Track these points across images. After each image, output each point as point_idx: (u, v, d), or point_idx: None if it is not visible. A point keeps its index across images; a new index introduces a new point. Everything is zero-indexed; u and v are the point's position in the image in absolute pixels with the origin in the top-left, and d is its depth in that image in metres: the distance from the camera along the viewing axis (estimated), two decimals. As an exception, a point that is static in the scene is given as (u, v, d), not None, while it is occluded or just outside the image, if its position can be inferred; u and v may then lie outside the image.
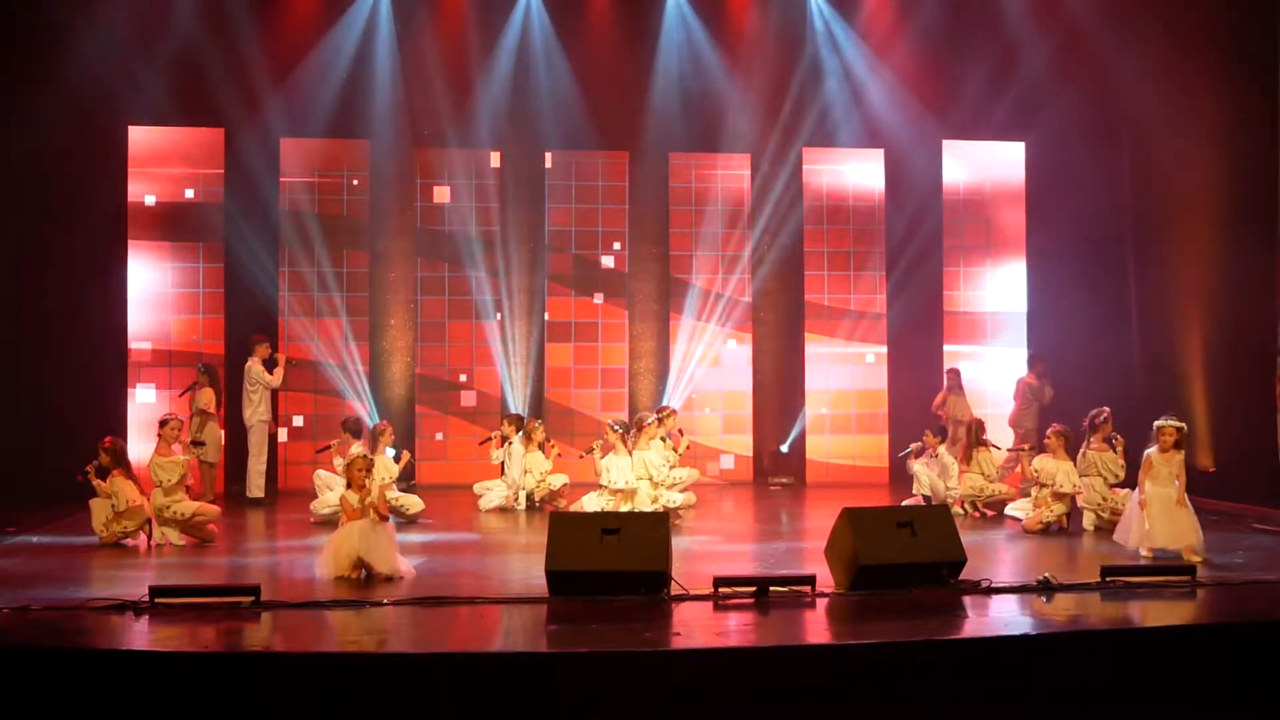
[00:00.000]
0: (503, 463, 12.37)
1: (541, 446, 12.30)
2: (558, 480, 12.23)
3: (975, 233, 14.91)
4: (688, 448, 12.28)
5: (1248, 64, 12.50)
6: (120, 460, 9.95)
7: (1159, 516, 8.84)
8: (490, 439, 12.59)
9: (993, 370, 14.08)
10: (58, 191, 13.17)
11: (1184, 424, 9.25)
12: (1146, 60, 13.38)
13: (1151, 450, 9.13)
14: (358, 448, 11.27)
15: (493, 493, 12.22)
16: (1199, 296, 13.49)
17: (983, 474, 11.70)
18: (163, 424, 10.21)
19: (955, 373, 13.82)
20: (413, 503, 11.39)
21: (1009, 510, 11.30)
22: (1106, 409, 10.88)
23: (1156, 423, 9.19)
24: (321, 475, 11.46)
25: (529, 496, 12.15)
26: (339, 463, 11.41)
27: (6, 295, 12.80)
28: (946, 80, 14.85)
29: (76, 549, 9.64)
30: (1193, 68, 13.03)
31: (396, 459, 11.45)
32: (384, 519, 8.33)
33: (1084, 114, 14.34)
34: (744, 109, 14.89)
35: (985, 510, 11.64)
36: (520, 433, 12.30)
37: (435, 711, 5.94)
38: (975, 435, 11.87)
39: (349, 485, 8.53)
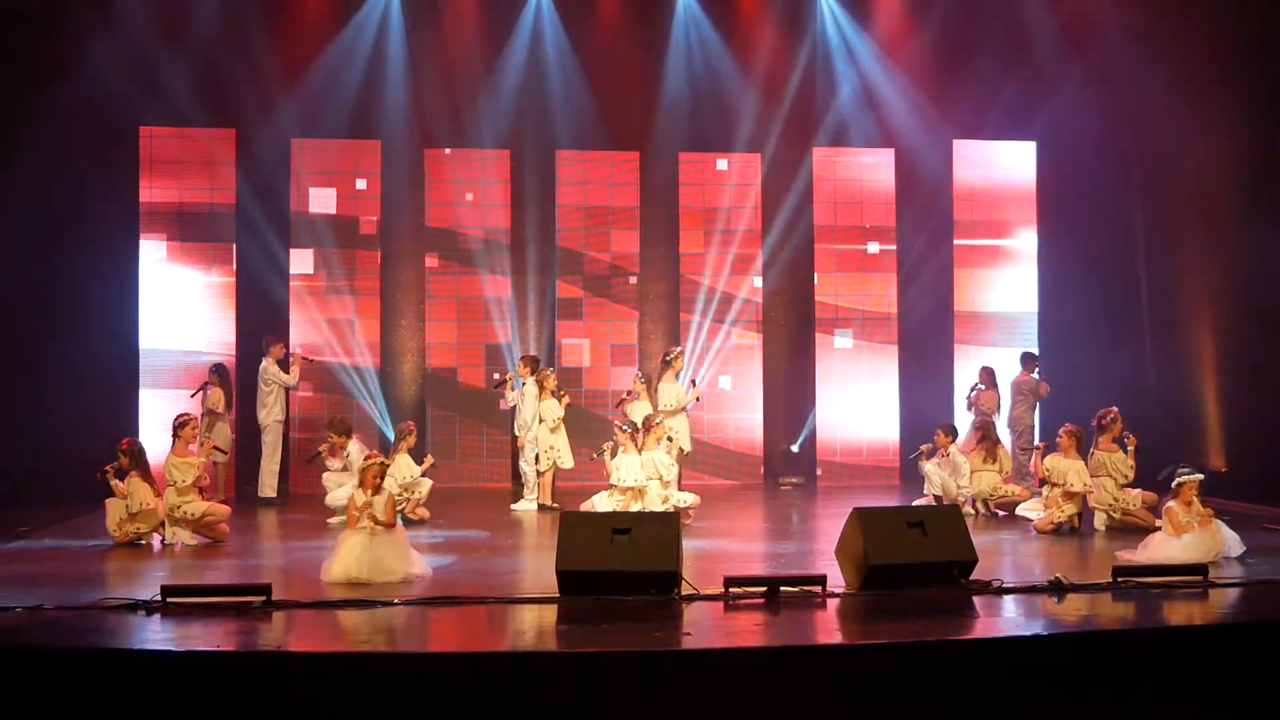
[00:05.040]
0: (514, 406, 12.49)
1: (555, 395, 12.35)
2: (566, 461, 12.31)
3: (986, 232, 14.88)
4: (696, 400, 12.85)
5: (1258, 59, 12.47)
6: (139, 462, 9.98)
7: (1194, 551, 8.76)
8: (505, 381, 12.72)
9: (1004, 370, 14.03)
10: (70, 193, 13.21)
11: (1203, 474, 9.24)
12: (1157, 59, 13.35)
13: (1173, 504, 9.02)
14: (355, 447, 11.36)
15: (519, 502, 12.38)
16: (1210, 295, 13.46)
17: (1001, 471, 11.71)
18: (182, 424, 10.24)
19: (989, 371, 13.77)
20: (423, 484, 11.46)
21: (1020, 510, 11.28)
22: (1114, 409, 10.86)
23: (1179, 478, 9.08)
24: (331, 478, 11.52)
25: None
26: (334, 464, 11.48)
27: (19, 296, 12.85)
28: (957, 80, 14.82)
29: (89, 549, 9.68)
30: (1204, 65, 13.00)
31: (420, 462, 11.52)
32: (389, 526, 8.31)
33: (1095, 113, 14.31)
34: (754, 108, 14.88)
35: (997, 510, 11.64)
36: (533, 375, 12.38)
37: (445, 711, 5.95)
38: (993, 433, 11.91)
39: (360, 485, 8.52)
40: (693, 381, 12.77)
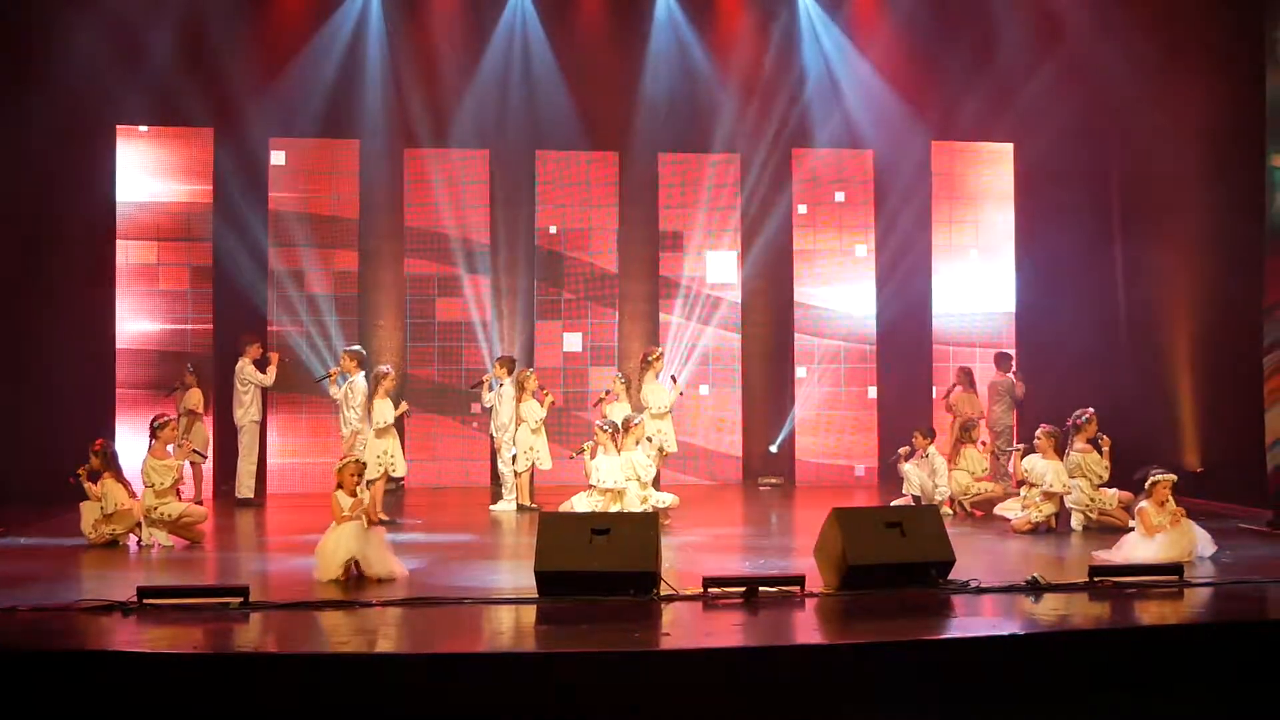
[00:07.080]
0: (492, 407, 12.48)
1: (535, 395, 12.35)
2: (545, 463, 12.32)
3: (964, 233, 14.94)
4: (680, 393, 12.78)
5: (1234, 60, 12.53)
6: (111, 463, 9.93)
7: (1167, 550, 8.83)
8: (481, 382, 12.70)
9: (981, 370, 14.11)
10: (46, 193, 13.11)
11: (1175, 475, 9.26)
12: (1133, 58, 13.40)
13: (1145, 504, 9.08)
14: (360, 382, 11.62)
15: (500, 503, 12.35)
16: (1186, 295, 13.52)
17: (970, 471, 11.77)
18: (160, 426, 10.17)
19: (966, 371, 13.84)
20: (400, 464, 11.65)
21: (998, 510, 11.31)
22: (1090, 410, 10.91)
23: (1152, 478, 9.13)
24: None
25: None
26: (335, 392, 11.75)
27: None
28: (935, 81, 14.88)
29: (64, 550, 9.62)
30: (1179, 64, 13.05)
31: (395, 407, 11.67)
32: (373, 523, 8.33)
33: (1072, 113, 14.36)
34: (733, 109, 14.90)
35: (974, 510, 11.68)
36: (511, 375, 12.37)
37: (424, 713, 5.94)
38: (963, 433, 11.95)
39: (339, 487, 8.50)
40: (672, 378, 12.79)
